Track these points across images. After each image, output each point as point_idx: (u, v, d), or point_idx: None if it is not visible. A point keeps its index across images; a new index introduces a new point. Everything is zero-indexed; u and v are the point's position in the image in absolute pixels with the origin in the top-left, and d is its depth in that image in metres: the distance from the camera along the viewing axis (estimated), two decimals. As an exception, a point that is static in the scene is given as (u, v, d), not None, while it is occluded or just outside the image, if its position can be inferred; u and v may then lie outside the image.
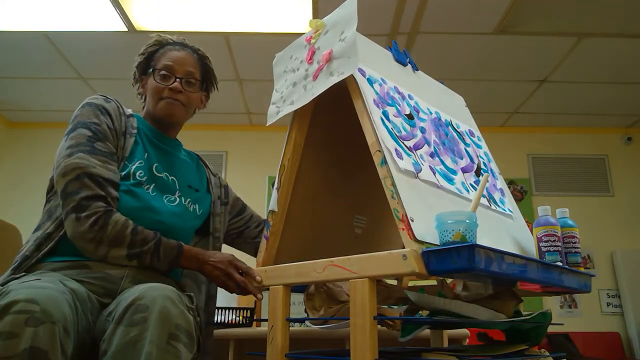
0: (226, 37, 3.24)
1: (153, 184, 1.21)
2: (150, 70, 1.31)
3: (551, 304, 4.05)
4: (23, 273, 1.02)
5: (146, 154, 1.24)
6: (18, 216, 2.05)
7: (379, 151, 0.97)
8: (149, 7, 2.95)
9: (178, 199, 1.27)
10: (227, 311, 1.80)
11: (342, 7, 1.12)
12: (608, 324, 4.00)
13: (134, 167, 1.18)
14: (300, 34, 1.27)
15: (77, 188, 1.06)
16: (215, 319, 1.78)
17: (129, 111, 1.28)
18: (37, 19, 3.05)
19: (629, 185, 4.37)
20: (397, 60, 1.32)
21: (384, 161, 0.94)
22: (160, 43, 1.35)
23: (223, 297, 1.89)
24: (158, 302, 0.85)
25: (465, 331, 1.67)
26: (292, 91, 1.17)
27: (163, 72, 1.28)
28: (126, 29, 3.09)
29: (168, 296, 0.87)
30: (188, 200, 1.29)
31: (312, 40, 1.18)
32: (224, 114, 4.34)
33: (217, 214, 1.38)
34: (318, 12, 2.95)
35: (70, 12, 2.99)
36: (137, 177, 1.18)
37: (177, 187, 1.29)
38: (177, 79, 1.28)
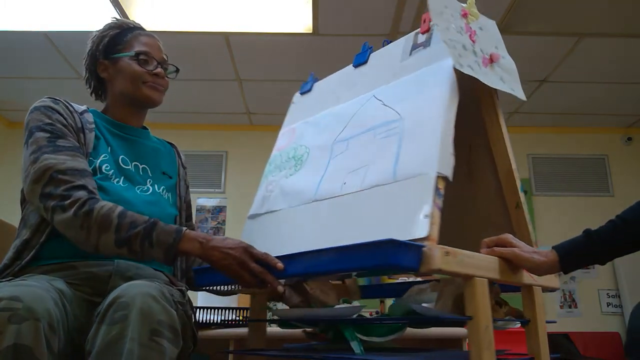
0: (226, 37, 3.23)
1: (122, 177, 1.19)
2: (119, 54, 1.28)
3: (551, 303, 4.05)
4: (10, 277, 1.01)
5: (109, 147, 1.22)
6: (18, 216, 2.04)
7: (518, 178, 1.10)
8: (148, 7, 2.95)
9: (151, 188, 1.24)
10: (227, 311, 1.80)
11: (484, 19, 1.14)
12: (608, 324, 4.00)
13: (98, 161, 1.16)
14: (300, 34, 1.27)
15: (54, 186, 1.03)
16: (216, 318, 1.78)
17: (82, 107, 1.24)
18: (37, 19, 3.05)
19: (629, 185, 4.37)
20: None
21: (523, 188, 1.09)
22: (122, 26, 1.33)
23: (222, 297, 1.89)
24: (138, 299, 0.84)
25: (465, 331, 1.67)
26: (463, 53, 1.02)
27: (143, 56, 1.27)
28: (126, 29, 3.09)
29: (148, 293, 0.86)
30: (162, 188, 1.27)
31: (469, 20, 1.09)
32: (224, 114, 4.34)
33: (182, 209, 1.36)
34: (318, 12, 2.95)
35: (70, 12, 2.99)
36: (104, 171, 1.16)
37: (150, 175, 1.27)
38: (159, 65, 1.29)
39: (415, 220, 0.85)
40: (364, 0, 2.87)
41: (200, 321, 1.74)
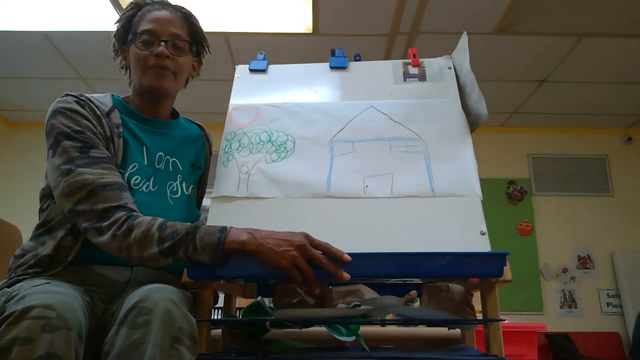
0: (226, 37, 3.23)
1: (152, 178, 1.15)
2: (129, 38, 1.17)
3: (551, 303, 4.05)
4: (26, 276, 1.01)
5: (144, 146, 1.17)
6: (18, 216, 2.05)
7: None
8: (149, 7, 2.95)
9: (179, 188, 1.20)
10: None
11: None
12: (608, 324, 4.00)
13: (127, 173, 1.11)
14: (300, 34, 1.28)
15: (92, 204, 0.98)
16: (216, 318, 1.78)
17: (107, 103, 1.16)
18: (37, 19, 3.05)
19: (629, 185, 4.37)
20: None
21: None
22: (138, 5, 1.20)
23: (221, 297, 1.88)
24: (161, 305, 0.84)
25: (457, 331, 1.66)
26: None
27: (145, 36, 1.14)
28: (126, 29, 3.09)
29: (171, 298, 0.86)
30: (191, 186, 1.23)
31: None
32: (224, 113, 4.33)
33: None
34: (318, 12, 2.95)
35: (70, 12, 2.99)
36: (133, 185, 1.11)
37: (180, 169, 1.22)
38: (162, 43, 1.14)
39: (473, 236, 1.02)
40: (364, 0, 2.87)
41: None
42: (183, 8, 1.25)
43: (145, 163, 1.16)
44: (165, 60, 1.15)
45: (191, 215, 1.22)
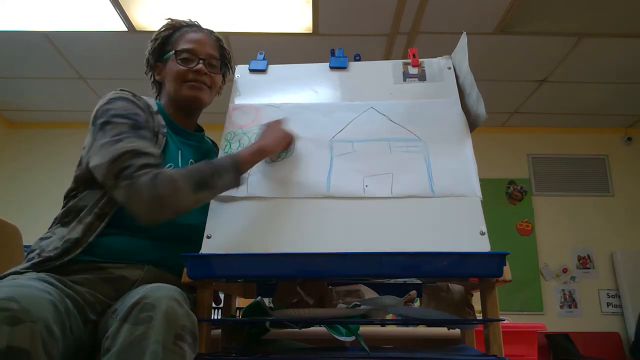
0: (226, 37, 3.24)
1: None
2: (167, 55, 1.29)
3: (551, 303, 4.05)
4: (30, 270, 1.01)
5: (179, 151, 1.24)
6: (18, 216, 2.06)
7: None
8: (149, 7, 2.95)
9: None
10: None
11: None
12: (608, 324, 4.00)
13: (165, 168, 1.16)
14: (301, 34, 1.28)
15: (133, 162, 1.02)
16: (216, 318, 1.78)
17: (153, 106, 1.24)
18: (37, 19, 3.05)
19: (629, 185, 4.37)
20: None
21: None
22: (174, 27, 1.33)
23: (222, 298, 1.88)
24: (164, 302, 0.85)
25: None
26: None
27: (185, 54, 1.26)
28: (126, 29, 3.09)
29: (173, 296, 0.87)
30: None
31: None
32: (224, 113, 4.34)
33: None
34: (318, 12, 2.95)
35: (70, 12, 2.99)
36: None
37: None
38: (201, 61, 1.27)
39: (473, 236, 1.02)
40: (364, 0, 2.87)
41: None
42: (214, 32, 1.38)
43: (180, 166, 1.22)
44: (203, 76, 1.27)
45: (205, 215, 1.23)
